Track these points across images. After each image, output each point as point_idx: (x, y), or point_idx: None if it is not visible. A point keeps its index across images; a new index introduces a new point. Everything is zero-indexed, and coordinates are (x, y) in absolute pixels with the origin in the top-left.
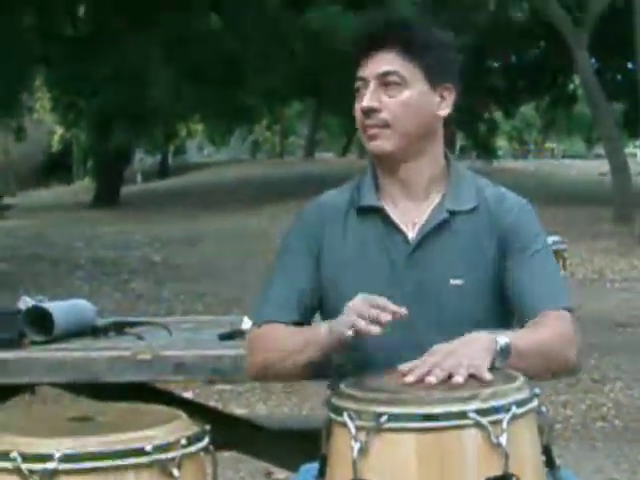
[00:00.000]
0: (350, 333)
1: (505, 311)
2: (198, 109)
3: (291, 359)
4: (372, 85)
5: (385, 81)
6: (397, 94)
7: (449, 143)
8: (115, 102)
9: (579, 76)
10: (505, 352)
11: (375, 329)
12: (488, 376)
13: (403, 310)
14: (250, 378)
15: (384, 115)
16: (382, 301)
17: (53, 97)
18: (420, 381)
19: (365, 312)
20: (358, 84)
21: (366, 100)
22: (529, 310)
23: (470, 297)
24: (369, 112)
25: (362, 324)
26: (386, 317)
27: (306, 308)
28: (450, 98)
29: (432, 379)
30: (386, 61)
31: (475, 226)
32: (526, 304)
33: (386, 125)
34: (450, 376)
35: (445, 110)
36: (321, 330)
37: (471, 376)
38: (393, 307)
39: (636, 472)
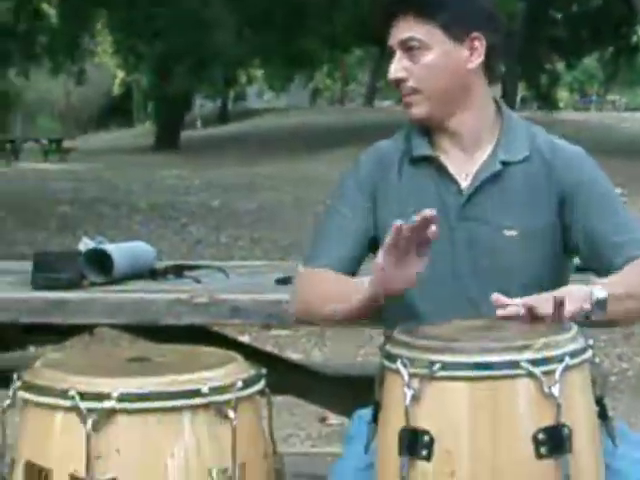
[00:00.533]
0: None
1: (559, 262)
2: (259, 54)
3: (332, 306)
4: (397, 54)
5: (407, 47)
6: (420, 59)
7: (510, 94)
8: (175, 46)
9: None
10: (602, 304)
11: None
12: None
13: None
14: (295, 316)
15: (411, 83)
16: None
17: (114, 41)
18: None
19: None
20: (390, 53)
21: (391, 72)
22: (612, 259)
23: (523, 248)
24: (397, 82)
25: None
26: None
27: (356, 256)
28: (482, 46)
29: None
30: (404, 27)
31: (529, 176)
32: (607, 253)
33: (416, 91)
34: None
35: (477, 60)
36: (365, 281)
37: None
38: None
39: None
